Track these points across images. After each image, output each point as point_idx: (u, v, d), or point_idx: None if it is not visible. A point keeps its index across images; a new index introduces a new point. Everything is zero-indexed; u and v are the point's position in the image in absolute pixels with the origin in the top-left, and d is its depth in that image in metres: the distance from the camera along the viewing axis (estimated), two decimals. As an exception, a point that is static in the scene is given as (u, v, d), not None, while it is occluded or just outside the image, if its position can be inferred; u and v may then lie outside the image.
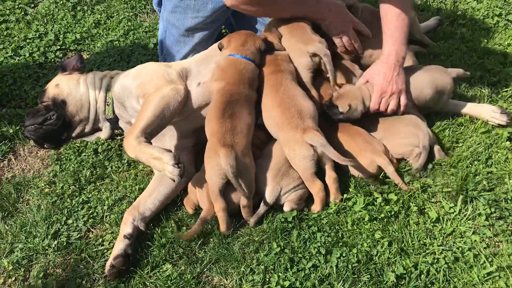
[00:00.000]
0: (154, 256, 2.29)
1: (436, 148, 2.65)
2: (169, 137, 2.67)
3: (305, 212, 2.44)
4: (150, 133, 2.38)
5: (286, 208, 2.43)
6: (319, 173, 2.45)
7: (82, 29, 3.81)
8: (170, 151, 2.26)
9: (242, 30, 2.79)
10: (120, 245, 2.26)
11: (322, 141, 2.38)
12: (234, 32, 2.78)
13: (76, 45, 3.70)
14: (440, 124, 2.87)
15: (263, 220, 2.40)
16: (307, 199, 2.49)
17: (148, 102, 2.44)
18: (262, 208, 2.39)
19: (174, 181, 2.27)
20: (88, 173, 2.70)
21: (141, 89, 2.56)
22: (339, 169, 2.54)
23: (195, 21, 3.02)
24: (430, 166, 2.60)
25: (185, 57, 3.09)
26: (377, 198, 2.44)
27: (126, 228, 2.32)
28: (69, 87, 2.82)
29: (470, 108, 2.88)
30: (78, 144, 2.87)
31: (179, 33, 3.08)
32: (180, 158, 2.26)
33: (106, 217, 2.51)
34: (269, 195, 2.40)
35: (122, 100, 2.69)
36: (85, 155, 2.81)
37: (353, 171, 2.57)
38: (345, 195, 2.48)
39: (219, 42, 2.73)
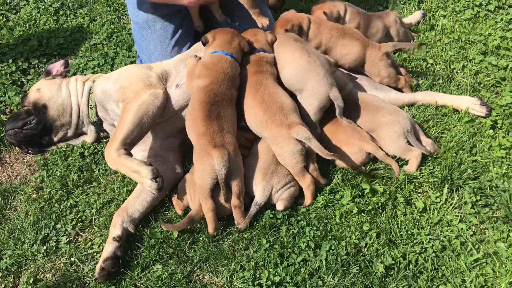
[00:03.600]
0: (144, 257, 2.29)
1: (428, 141, 2.66)
2: (153, 138, 2.67)
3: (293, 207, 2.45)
4: (130, 143, 2.40)
5: (279, 207, 2.43)
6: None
7: (65, 34, 3.79)
8: (150, 164, 2.29)
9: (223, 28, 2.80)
10: (109, 248, 2.26)
11: (307, 134, 2.40)
12: (218, 29, 2.79)
13: (59, 50, 3.68)
14: (423, 115, 2.89)
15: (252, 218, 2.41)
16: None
17: (127, 111, 2.44)
18: (253, 209, 2.38)
19: (153, 193, 2.31)
20: (76, 177, 2.70)
21: (120, 94, 2.57)
22: (328, 160, 2.56)
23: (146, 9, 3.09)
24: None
25: (153, 53, 3.10)
26: (365, 189, 2.46)
27: (115, 230, 2.32)
28: (50, 92, 2.81)
29: (450, 100, 2.92)
30: (64, 149, 2.86)
31: (139, 26, 3.10)
32: (159, 172, 2.29)
33: (94, 220, 2.50)
34: (260, 195, 2.39)
35: (103, 103, 2.70)
36: (71, 159, 2.80)
37: (342, 161, 2.59)
38: (332, 188, 2.51)
39: (203, 36, 2.74)
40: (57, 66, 2.97)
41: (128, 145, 2.39)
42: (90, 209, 2.54)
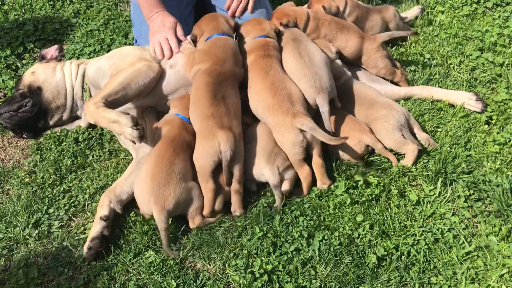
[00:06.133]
0: (137, 243, 2.29)
1: (424, 136, 2.67)
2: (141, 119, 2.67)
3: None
4: (112, 102, 2.40)
5: (285, 187, 2.43)
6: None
7: (61, 19, 3.76)
8: (128, 113, 2.28)
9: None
10: (96, 227, 2.26)
11: (312, 125, 2.39)
12: (198, 21, 2.79)
13: (55, 35, 3.65)
14: (419, 109, 2.90)
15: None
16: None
17: (118, 73, 2.47)
18: (277, 193, 2.37)
19: (134, 143, 2.30)
20: (69, 162, 2.68)
21: (114, 68, 2.58)
22: (324, 151, 2.55)
23: None
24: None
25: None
26: (358, 181, 2.46)
27: (102, 210, 2.32)
28: (45, 74, 2.79)
29: (446, 95, 2.92)
30: (58, 134, 2.84)
31: (139, 10, 3.09)
32: (139, 120, 2.28)
33: (87, 205, 2.49)
34: (272, 177, 2.37)
35: (97, 82, 2.69)
36: (65, 144, 2.79)
37: (341, 152, 2.59)
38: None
39: (190, 35, 2.74)
40: (51, 51, 2.95)
41: (109, 103, 2.38)
42: (83, 194, 2.53)
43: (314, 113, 2.59)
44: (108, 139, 2.83)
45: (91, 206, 2.48)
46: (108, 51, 3.41)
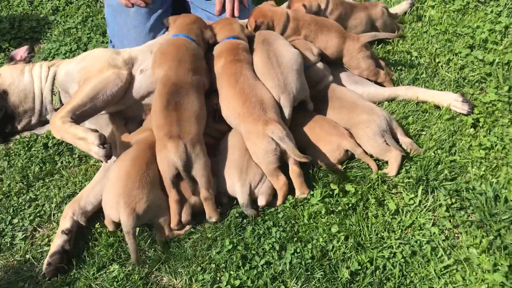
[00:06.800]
0: (101, 256, 2.20)
1: (407, 141, 2.55)
2: (113, 127, 2.57)
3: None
4: (80, 115, 2.31)
5: (261, 202, 2.34)
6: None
7: (39, 16, 3.65)
8: (96, 131, 2.18)
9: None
10: (57, 241, 2.19)
11: (282, 134, 2.28)
12: (182, 14, 2.69)
13: (32, 33, 3.54)
14: (403, 111, 2.78)
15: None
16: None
17: (85, 84, 2.37)
18: (246, 211, 2.29)
19: (102, 162, 2.20)
20: (37, 169, 2.59)
21: (83, 73, 2.48)
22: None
23: None
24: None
25: (126, 38, 2.98)
26: (334, 189, 2.36)
27: (64, 223, 2.24)
28: (11, 77, 2.69)
29: (431, 96, 2.80)
30: (27, 138, 2.75)
31: (113, 9, 2.98)
32: (106, 138, 2.19)
33: (54, 215, 2.41)
34: (241, 196, 2.29)
35: (66, 87, 2.59)
36: (34, 150, 2.70)
37: (319, 158, 2.49)
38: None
39: (166, 18, 2.65)
40: (20, 52, 2.85)
41: (76, 117, 2.29)
42: (49, 203, 2.44)
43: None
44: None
45: (57, 216, 2.39)
46: (84, 50, 3.33)
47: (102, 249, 2.22)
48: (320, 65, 2.70)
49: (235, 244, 2.20)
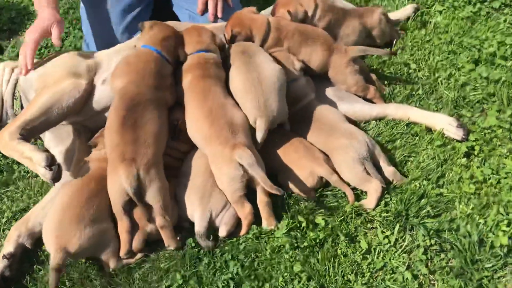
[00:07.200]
0: (45, 283, 2.06)
1: (390, 170, 2.32)
2: (73, 138, 2.41)
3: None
4: (31, 130, 2.17)
5: (222, 233, 2.17)
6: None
7: (19, 6, 3.48)
8: (46, 150, 2.05)
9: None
10: None
11: (251, 161, 2.09)
12: (161, 22, 2.46)
13: (10, 24, 3.39)
14: (391, 133, 2.54)
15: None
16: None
17: (38, 96, 2.23)
18: (200, 242, 2.13)
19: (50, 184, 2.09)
20: (-7, 178, 2.46)
21: (41, 81, 2.34)
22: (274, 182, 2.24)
23: None
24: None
25: (100, 36, 2.80)
26: (302, 222, 2.16)
27: (8, 246, 2.12)
28: None
29: (424, 117, 2.54)
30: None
31: (88, 4, 2.79)
32: (55, 159, 2.04)
33: (4, 231, 2.27)
34: (199, 225, 2.12)
35: (26, 94, 2.46)
36: (-7, 158, 2.56)
37: (290, 184, 2.29)
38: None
39: (142, 22, 2.44)
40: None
41: (27, 132, 2.15)
42: (0, 217, 2.30)
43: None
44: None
45: (7, 232, 2.25)
46: (61, 47, 3.15)
47: (47, 274, 2.08)
48: (301, 81, 2.47)
49: (187, 279, 2.03)
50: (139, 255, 2.12)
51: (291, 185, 2.29)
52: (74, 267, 2.09)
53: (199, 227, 2.10)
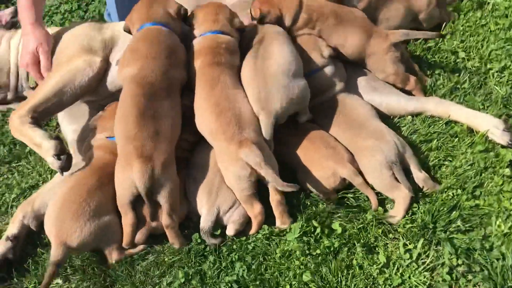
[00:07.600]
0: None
1: (421, 176, 2.10)
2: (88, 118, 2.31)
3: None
4: (43, 111, 2.08)
5: (229, 231, 2.05)
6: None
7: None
8: (58, 138, 1.96)
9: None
10: (0, 248, 2.00)
11: (258, 159, 1.93)
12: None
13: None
14: (427, 132, 2.30)
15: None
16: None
17: (50, 76, 2.12)
18: (205, 238, 2.02)
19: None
20: (6, 150, 2.40)
21: (53, 57, 2.22)
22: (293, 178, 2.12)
23: None
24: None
25: (121, 9, 2.66)
26: (317, 227, 2.00)
27: (12, 227, 2.08)
28: None
29: (467, 116, 2.27)
30: (1, 115, 2.56)
31: None
32: (64, 148, 1.96)
33: (12, 207, 2.23)
34: (204, 221, 2.01)
35: None
36: (8, 128, 2.50)
37: (308, 183, 2.13)
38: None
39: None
40: (4, 15, 2.58)
41: (39, 114, 2.07)
42: (10, 193, 2.26)
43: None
44: (54, 125, 2.50)
45: (15, 209, 2.22)
46: (85, 11, 3.03)
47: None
48: (329, 70, 2.24)
49: (189, 277, 1.94)
50: (142, 246, 2.03)
51: (310, 185, 2.12)
52: (76, 256, 2.03)
53: (204, 223, 1.99)
